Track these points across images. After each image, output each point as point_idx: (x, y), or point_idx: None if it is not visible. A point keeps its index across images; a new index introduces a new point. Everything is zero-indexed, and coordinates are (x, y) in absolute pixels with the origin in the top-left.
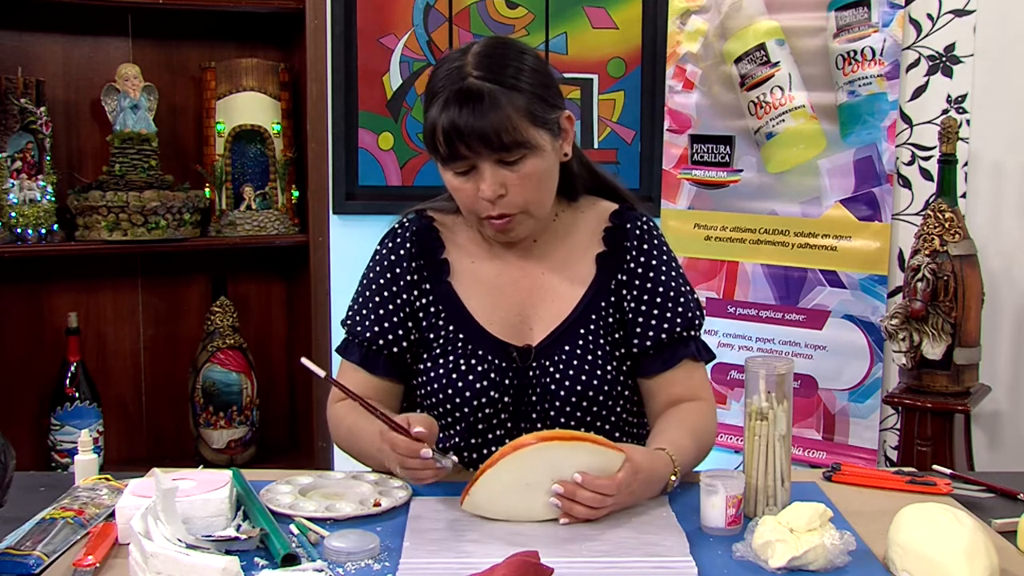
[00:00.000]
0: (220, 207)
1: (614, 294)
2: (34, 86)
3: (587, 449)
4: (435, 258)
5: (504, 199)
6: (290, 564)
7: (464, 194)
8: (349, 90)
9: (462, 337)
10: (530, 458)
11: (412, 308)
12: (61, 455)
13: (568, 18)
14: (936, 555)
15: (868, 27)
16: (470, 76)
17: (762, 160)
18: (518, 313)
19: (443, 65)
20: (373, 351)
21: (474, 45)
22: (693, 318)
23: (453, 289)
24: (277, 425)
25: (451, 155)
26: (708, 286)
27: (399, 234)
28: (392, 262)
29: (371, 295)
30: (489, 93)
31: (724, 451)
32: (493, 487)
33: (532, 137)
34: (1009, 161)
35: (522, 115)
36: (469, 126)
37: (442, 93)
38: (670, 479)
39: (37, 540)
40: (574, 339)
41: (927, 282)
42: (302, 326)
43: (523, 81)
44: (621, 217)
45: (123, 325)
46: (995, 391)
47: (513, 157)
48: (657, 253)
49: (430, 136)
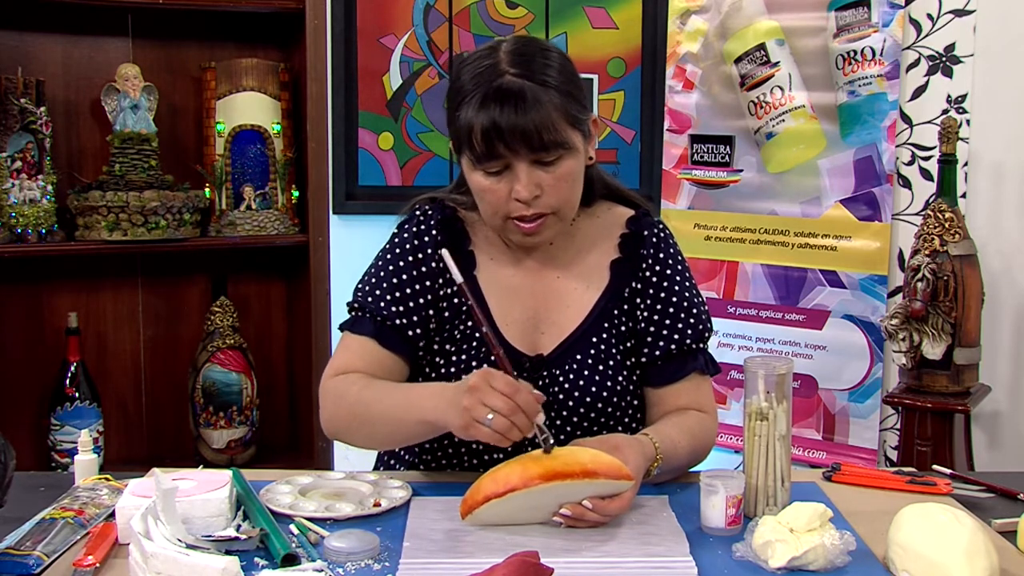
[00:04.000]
0: (220, 207)
1: (627, 302)
2: (34, 86)
3: (599, 484)
4: (462, 249)
5: (538, 200)
6: (290, 564)
7: (495, 195)
8: (349, 90)
9: (478, 337)
10: (540, 492)
11: (435, 296)
12: (61, 455)
13: (568, 18)
14: (936, 555)
15: (868, 27)
16: (507, 74)
17: (762, 160)
18: (531, 317)
19: (470, 64)
20: (388, 327)
21: (502, 43)
22: (704, 330)
23: (478, 284)
24: (277, 425)
25: (488, 154)
26: (708, 286)
27: (422, 220)
28: (416, 246)
29: (390, 274)
30: (530, 91)
31: (724, 451)
32: (498, 512)
33: (569, 138)
34: (1009, 161)
35: (560, 115)
36: (511, 125)
37: (476, 91)
38: (651, 467)
39: (37, 540)
40: (586, 348)
41: (927, 282)
42: (302, 326)
43: (559, 80)
44: (638, 224)
45: (123, 325)
46: (995, 391)
47: (550, 157)
48: (672, 262)
49: (464, 135)
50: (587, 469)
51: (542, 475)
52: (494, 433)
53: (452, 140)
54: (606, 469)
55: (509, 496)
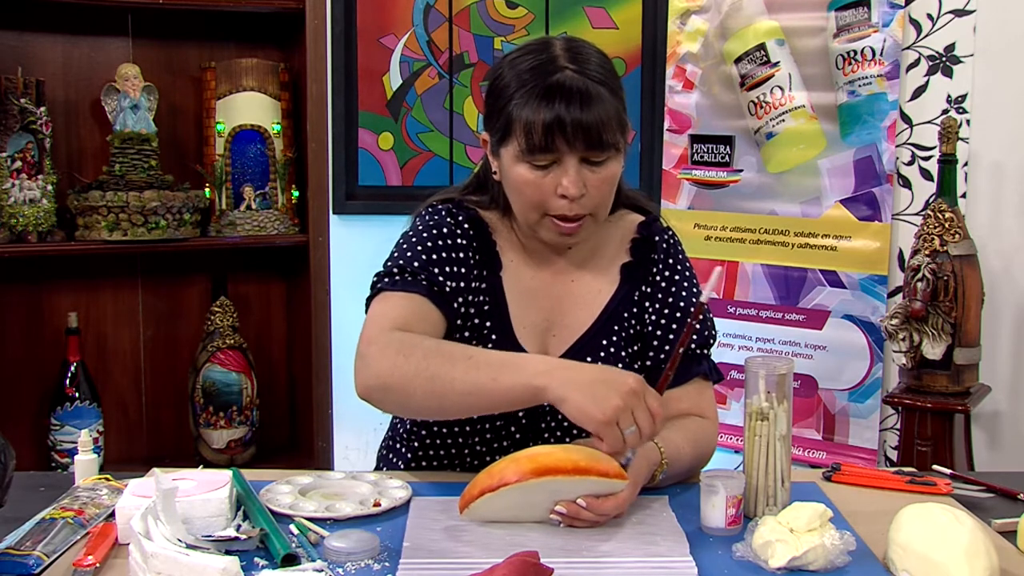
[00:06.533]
0: (220, 207)
1: (636, 305)
2: (34, 86)
3: (592, 481)
4: (489, 248)
5: (582, 199)
6: (290, 564)
7: (538, 189)
8: (349, 90)
9: (494, 339)
10: (533, 487)
11: (468, 287)
12: (61, 455)
13: (568, 18)
14: (936, 555)
15: (868, 27)
16: (567, 69)
17: (762, 160)
18: (545, 319)
19: (520, 58)
20: (436, 289)
21: (553, 40)
22: (708, 336)
23: (502, 285)
24: (277, 425)
25: (543, 147)
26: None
27: (450, 212)
28: (450, 232)
29: (430, 249)
30: (594, 89)
31: (724, 451)
32: (493, 506)
33: (619, 140)
34: (1009, 161)
35: (614, 116)
36: (575, 120)
37: (534, 83)
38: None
39: (37, 540)
40: (596, 351)
41: (927, 282)
42: (302, 326)
43: (613, 83)
44: (649, 229)
45: (123, 325)
46: (995, 391)
47: (601, 157)
48: (681, 268)
49: (520, 126)
50: (579, 466)
51: (535, 470)
52: (621, 442)
53: (494, 132)
54: (599, 467)
55: (502, 490)
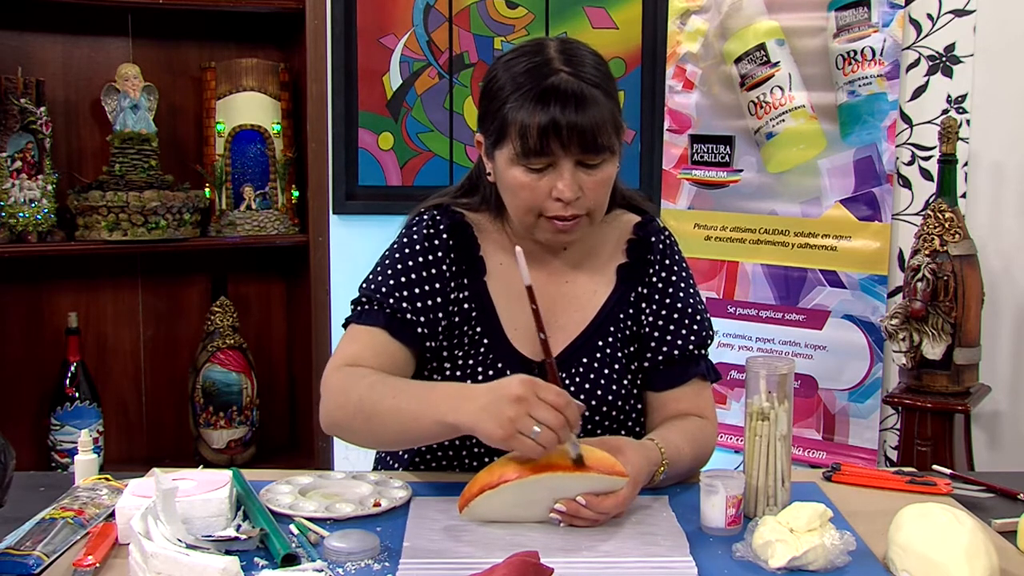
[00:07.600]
0: (220, 207)
1: (633, 306)
2: (34, 86)
3: (592, 478)
4: (472, 254)
5: (577, 201)
6: (290, 564)
7: (533, 191)
8: (349, 90)
9: (486, 343)
10: (533, 484)
11: (445, 298)
12: (61, 455)
13: (568, 18)
14: (936, 555)
15: (868, 27)
16: (562, 72)
17: (762, 160)
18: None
19: (514, 60)
20: (398, 319)
21: (548, 42)
22: (706, 336)
23: (487, 289)
24: (277, 425)
25: (538, 151)
26: (708, 286)
27: (430, 224)
28: (427, 248)
29: (399, 272)
30: (589, 92)
31: (724, 451)
32: (492, 503)
33: (614, 143)
34: (1009, 161)
35: (609, 119)
36: (570, 123)
37: (529, 86)
38: (657, 472)
39: (37, 540)
40: (592, 352)
41: (927, 282)
42: (302, 326)
43: (608, 86)
44: (645, 229)
45: (123, 325)
46: (995, 391)
47: (596, 160)
48: (677, 269)
49: (515, 129)
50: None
51: (533, 467)
52: (537, 447)
53: (488, 135)
54: (598, 464)
55: (502, 487)
